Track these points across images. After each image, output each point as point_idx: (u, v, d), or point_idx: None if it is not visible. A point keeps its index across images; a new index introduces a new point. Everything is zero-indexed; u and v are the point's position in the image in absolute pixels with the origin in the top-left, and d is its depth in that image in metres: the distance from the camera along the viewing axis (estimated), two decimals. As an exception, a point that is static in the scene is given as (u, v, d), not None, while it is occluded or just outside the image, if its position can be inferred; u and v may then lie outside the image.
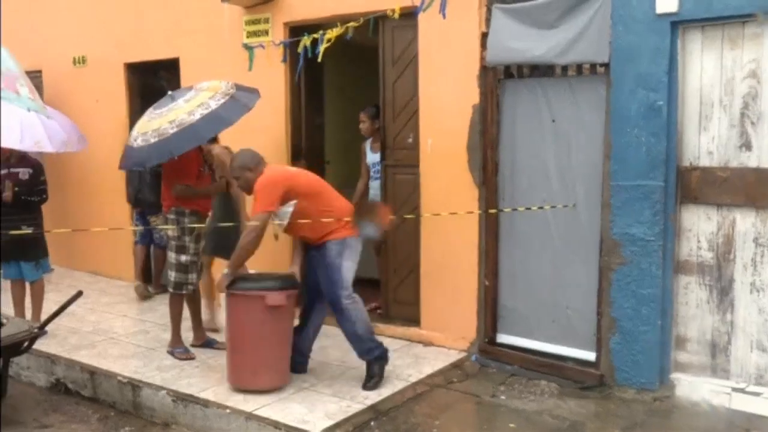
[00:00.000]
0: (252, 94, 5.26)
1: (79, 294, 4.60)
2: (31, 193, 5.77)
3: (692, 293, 4.51)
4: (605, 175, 4.63)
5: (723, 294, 4.41)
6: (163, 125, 4.88)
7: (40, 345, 5.06)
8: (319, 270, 4.66)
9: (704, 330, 4.48)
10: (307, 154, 6.40)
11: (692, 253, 4.50)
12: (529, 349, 5.10)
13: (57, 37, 8.07)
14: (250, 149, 4.79)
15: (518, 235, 5.14)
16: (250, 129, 5.68)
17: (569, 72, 4.77)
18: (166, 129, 4.84)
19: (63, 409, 4.88)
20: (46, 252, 5.97)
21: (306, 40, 5.68)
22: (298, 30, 5.99)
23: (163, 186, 5.32)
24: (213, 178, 5.45)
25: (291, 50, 6.03)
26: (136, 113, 6.66)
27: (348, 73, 7.44)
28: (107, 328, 6.04)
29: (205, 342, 5.47)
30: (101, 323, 6.20)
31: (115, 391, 4.88)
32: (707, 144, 4.39)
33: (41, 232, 5.84)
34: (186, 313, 5.42)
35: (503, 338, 5.26)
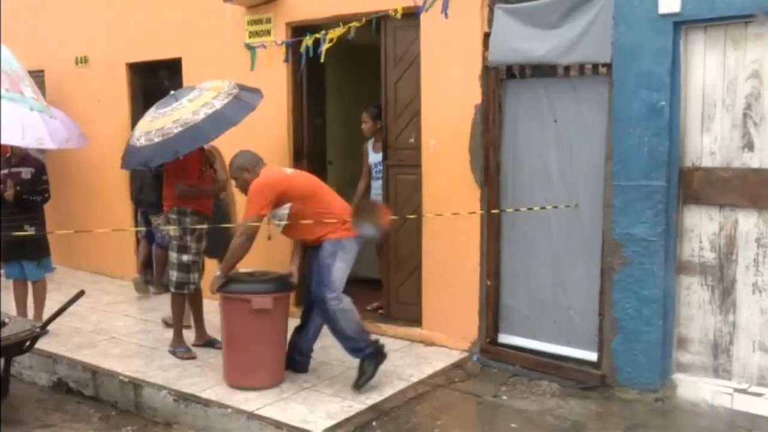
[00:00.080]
0: (255, 94, 5.26)
1: (81, 293, 4.61)
2: (34, 193, 5.78)
3: (694, 294, 4.50)
4: (607, 175, 4.63)
5: (725, 294, 4.40)
6: (168, 125, 4.87)
7: (42, 344, 5.06)
8: (312, 269, 4.67)
9: (706, 330, 4.47)
10: (309, 155, 6.40)
11: (694, 253, 4.49)
12: (530, 350, 5.10)
13: (59, 37, 8.09)
14: (248, 150, 4.80)
15: (520, 235, 5.14)
16: (251, 129, 5.67)
17: (571, 72, 4.76)
18: (171, 128, 4.83)
19: (65, 408, 4.88)
20: (48, 251, 5.98)
21: (308, 40, 5.69)
22: (300, 30, 6.00)
23: (165, 185, 5.32)
24: (214, 178, 5.47)
25: (293, 50, 6.03)
26: (138, 113, 6.66)
27: (350, 73, 7.44)
28: (109, 328, 6.05)
29: (206, 341, 5.48)
30: (103, 323, 6.20)
31: (116, 391, 4.88)
32: (710, 144, 4.39)
33: (44, 232, 5.85)
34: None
35: (505, 338, 5.25)
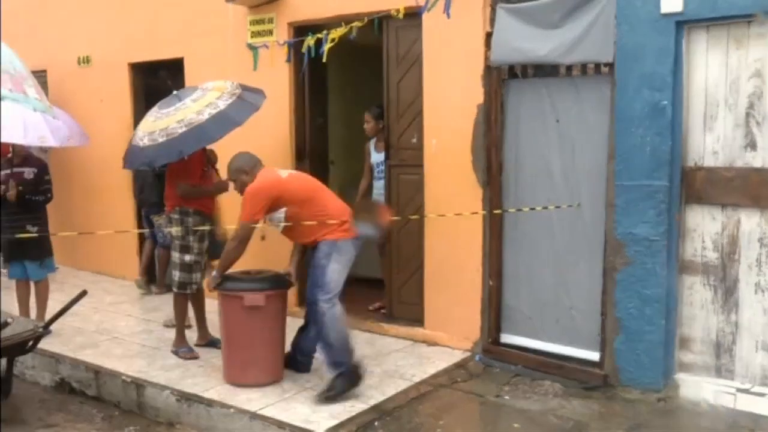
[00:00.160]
0: (258, 95, 5.26)
1: (84, 293, 4.62)
2: (36, 193, 5.78)
3: (697, 293, 4.50)
4: (609, 175, 4.62)
5: (728, 294, 4.40)
6: (171, 125, 4.87)
7: (44, 344, 5.06)
8: (309, 269, 4.65)
9: (709, 330, 4.47)
10: (311, 155, 6.40)
11: (697, 253, 4.49)
12: (533, 349, 5.10)
13: (62, 37, 8.09)
14: (247, 152, 4.77)
15: (522, 235, 5.14)
16: (254, 129, 5.66)
17: (574, 72, 4.76)
18: (175, 128, 4.83)
19: (67, 408, 4.89)
20: (50, 251, 5.99)
21: (310, 40, 5.69)
22: (302, 30, 6.00)
23: (167, 185, 5.33)
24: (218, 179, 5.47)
25: (295, 50, 6.03)
26: (140, 113, 6.66)
27: (352, 73, 7.44)
28: (111, 328, 6.06)
29: (209, 341, 5.48)
30: (105, 323, 6.21)
31: (119, 391, 4.89)
32: (712, 144, 4.39)
33: (47, 233, 5.85)
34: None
35: (507, 338, 5.25)
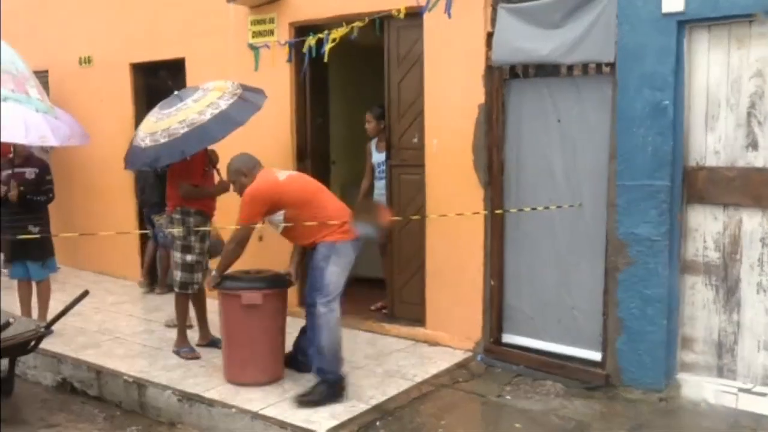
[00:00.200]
0: (259, 94, 5.26)
1: (85, 293, 4.62)
2: (38, 193, 5.78)
3: (699, 293, 4.50)
4: (611, 174, 4.62)
5: (729, 294, 4.39)
6: (173, 125, 4.87)
7: (46, 344, 5.07)
8: (308, 271, 4.64)
9: (711, 330, 4.47)
10: (313, 155, 6.40)
11: (698, 253, 4.48)
12: (534, 349, 5.09)
13: (63, 37, 8.10)
14: (246, 153, 4.76)
15: (524, 235, 5.13)
16: (255, 129, 5.66)
17: (575, 72, 4.75)
18: (177, 129, 4.83)
19: (69, 408, 4.89)
20: (52, 252, 5.99)
21: (311, 40, 5.69)
22: (303, 30, 6.00)
23: (168, 186, 5.33)
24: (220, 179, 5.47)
25: (296, 50, 6.03)
26: (141, 113, 6.67)
27: (353, 73, 7.44)
28: (113, 328, 6.06)
29: (210, 341, 5.47)
30: (107, 323, 6.22)
31: (121, 391, 4.89)
32: (714, 144, 4.38)
33: (48, 234, 5.86)
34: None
35: (509, 338, 5.25)
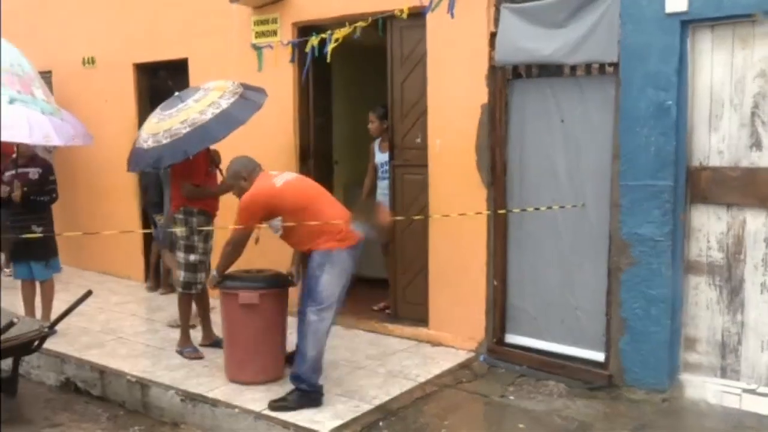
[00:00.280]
0: (260, 93, 5.26)
1: (89, 293, 4.63)
2: (41, 193, 5.80)
3: (702, 293, 4.49)
4: (614, 175, 4.61)
5: (733, 294, 4.38)
6: (175, 125, 4.87)
7: (50, 344, 5.08)
8: (303, 279, 4.61)
9: (714, 330, 4.46)
10: (315, 155, 6.40)
11: (702, 253, 4.48)
12: (537, 350, 5.09)
13: (66, 38, 8.11)
14: (245, 156, 4.73)
15: (527, 235, 5.13)
16: (258, 130, 5.67)
17: (578, 72, 4.75)
18: (179, 129, 4.83)
19: (73, 407, 4.90)
20: (56, 252, 6.00)
21: (314, 40, 5.69)
22: (306, 30, 6.00)
23: (171, 186, 5.34)
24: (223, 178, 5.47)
25: (299, 51, 6.03)
26: (144, 113, 6.67)
27: (356, 73, 7.44)
28: (116, 328, 6.07)
29: (213, 341, 5.48)
30: (111, 323, 6.22)
31: (124, 391, 4.90)
32: (717, 143, 4.37)
33: (52, 234, 5.87)
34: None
35: (512, 338, 5.25)
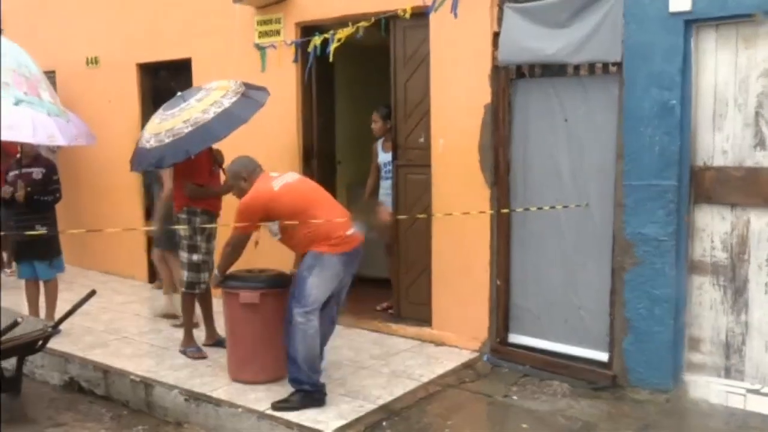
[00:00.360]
0: (262, 92, 5.26)
1: (93, 293, 4.65)
2: (45, 193, 5.80)
3: (706, 293, 4.48)
4: (618, 174, 4.61)
5: (737, 294, 4.38)
6: (178, 125, 4.87)
7: (53, 344, 5.09)
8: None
9: (718, 330, 4.45)
10: (319, 155, 6.40)
11: (706, 253, 4.47)
12: (541, 350, 5.08)
13: (70, 38, 8.12)
14: (246, 156, 4.72)
15: (530, 235, 5.12)
16: (261, 129, 5.68)
17: (581, 71, 4.74)
18: (181, 129, 4.83)
19: (77, 407, 4.91)
20: (59, 251, 6.01)
21: (316, 40, 5.69)
22: (309, 30, 6.00)
23: (174, 185, 5.34)
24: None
25: (302, 50, 6.03)
26: (148, 113, 6.68)
27: (359, 73, 7.44)
28: (120, 327, 6.08)
29: (216, 341, 5.48)
30: (114, 322, 6.23)
31: (128, 390, 4.90)
32: (721, 143, 4.36)
33: (55, 232, 5.88)
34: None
35: (515, 338, 5.24)
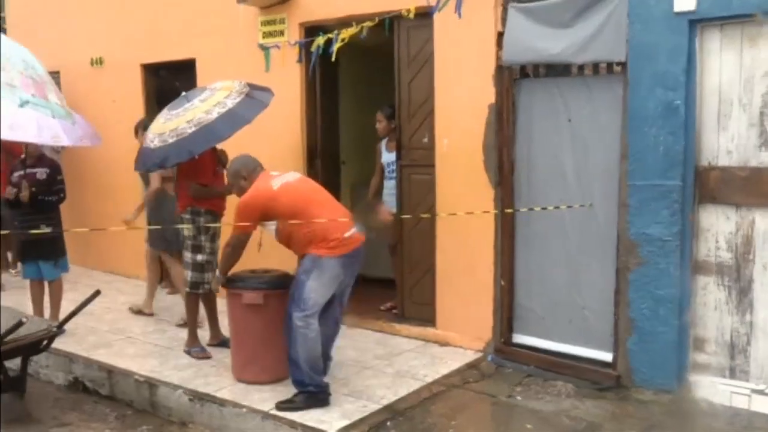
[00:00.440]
0: (266, 93, 5.27)
1: (97, 293, 4.65)
2: (49, 193, 5.81)
3: (711, 294, 4.47)
4: (622, 174, 4.60)
5: (742, 295, 4.36)
6: (181, 125, 4.89)
7: (58, 344, 5.10)
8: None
9: (723, 331, 4.44)
10: (323, 155, 6.41)
11: (710, 253, 4.46)
12: (545, 350, 5.08)
13: (75, 38, 8.14)
14: (246, 155, 4.72)
15: (534, 235, 5.12)
16: (265, 130, 5.68)
17: (586, 71, 4.74)
18: (185, 129, 4.85)
19: (81, 407, 4.91)
20: (64, 251, 6.02)
21: (320, 40, 5.69)
22: (313, 30, 6.00)
23: (178, 186, 5.35)
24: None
25: (306, 51, 6.03)
26: (152, 113, 6.69)
27: (363, 73, 7.44)
28: (124, 327, 6.09)
29: (220, 341, 5.48)
30: (118, 322, 6.24)
31: (132, 390, 4.91)
32: (726, 143, 4.35)
33: (60, 231, 5.89)
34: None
35: (519, 338, 5.24)
